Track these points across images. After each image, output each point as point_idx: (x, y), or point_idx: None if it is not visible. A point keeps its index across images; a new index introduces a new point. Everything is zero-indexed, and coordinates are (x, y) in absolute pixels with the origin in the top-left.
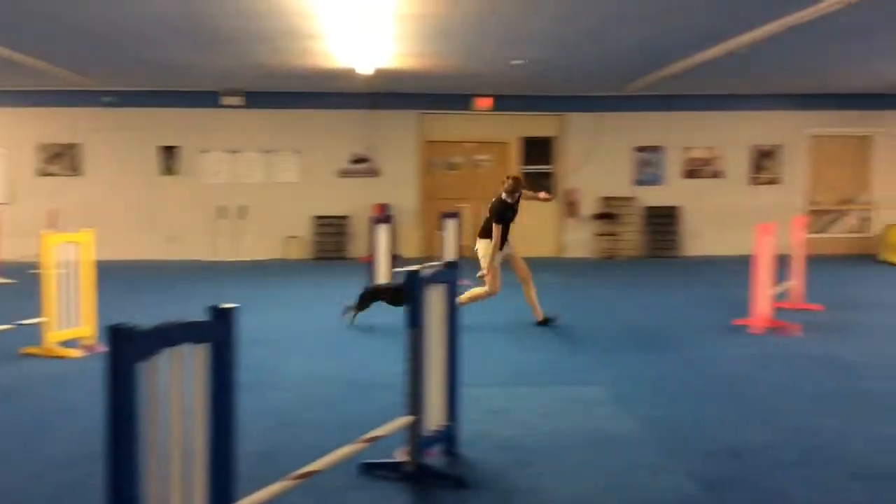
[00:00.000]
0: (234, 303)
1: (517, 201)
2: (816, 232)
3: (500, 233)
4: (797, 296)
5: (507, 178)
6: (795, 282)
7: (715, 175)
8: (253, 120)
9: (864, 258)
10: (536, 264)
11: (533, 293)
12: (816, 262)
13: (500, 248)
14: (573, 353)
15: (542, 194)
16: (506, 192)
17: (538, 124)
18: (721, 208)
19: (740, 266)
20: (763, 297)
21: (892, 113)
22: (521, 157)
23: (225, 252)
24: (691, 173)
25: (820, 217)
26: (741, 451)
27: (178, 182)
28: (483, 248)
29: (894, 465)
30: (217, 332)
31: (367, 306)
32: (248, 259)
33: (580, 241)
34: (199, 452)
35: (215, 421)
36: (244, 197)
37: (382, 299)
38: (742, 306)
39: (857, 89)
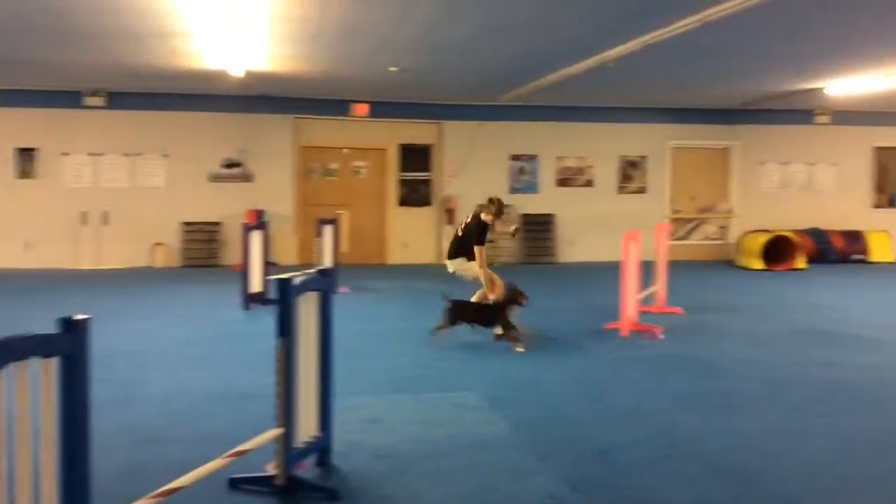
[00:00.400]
0: (96, 313)
1: (494, 223)
2: (679, 239)
3: (483, 255)
4: (661, 300)
5: (491, 201)
6: (659, 286)
7: (587, 184)
8: (117, 121)
9: (723, 264)
10: (416, 272)
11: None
12: (679, 267)
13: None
14: (447, 360)
15: (513, 228)
16: (488, 213)
17: (416, 131)
18: (592, 216)
19: (611, 272)
20: (630, 301)
21: (747, 127)
22: (400, 163)
23: (87, 260)
24: (564, 182)
25: (682, 225)
26: (608, 450)
27: (37, 186)
28: (459, 266)
29: (747, 460)
30: (68, 344)
31: (455, 322)
32: (113, 267)
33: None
34: (48, 473)
35: (67, 439)
36: (108, 202)
37: (472, 321)
38: (613, 311)
39: (715, 104)
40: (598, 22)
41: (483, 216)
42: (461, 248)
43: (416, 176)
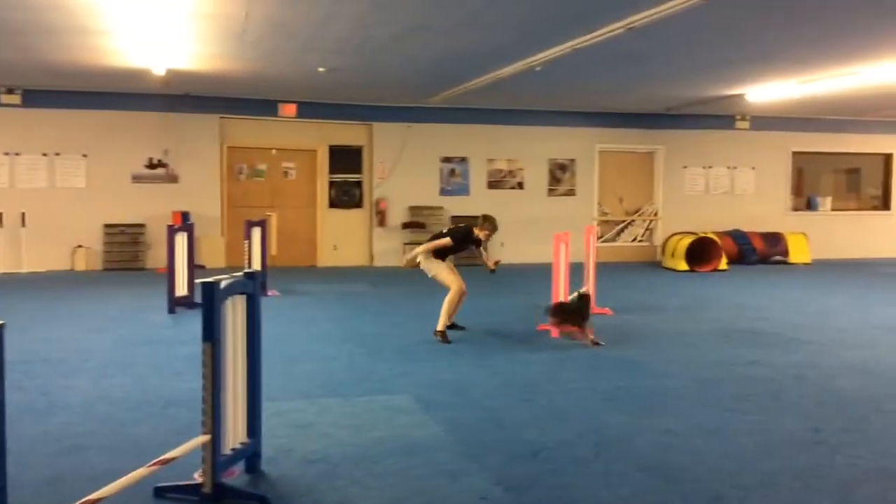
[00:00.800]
0: (13, 318)
1: (481, 243)
2: (607, 241)
3: (442, 244)
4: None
5: (486, 218)
6: (589, 288)
7: (517, 186)
8: (34, 120)
9: (649, 265)
10: (347, 274)
11: (457, 308)
12: (607, 268)
13: (444, 259)
14: (379, 363)
15: (493, 263)
16: (482, 230)
17: (346, 133)
18: (523, 218)
19: (542, 273)
20: (560, 302)
21: (671, 131)
22: (330, 165)
23: (3, 263)
24: (495, 184)
25: (610, 227)
26: (540, 450)
27: None
28: (425, 263)
29: (674, 458)
30: None
31: (563, 322)
32: (31, 271)
33: (389, 250)
34: None
35: None
36: (24, 203)
37: (572, 323)
38: (544, 312)
39: (641, 109)
40: (525, 26)
41: (476, 230)
42: (440, 251)
43: (347, 177)
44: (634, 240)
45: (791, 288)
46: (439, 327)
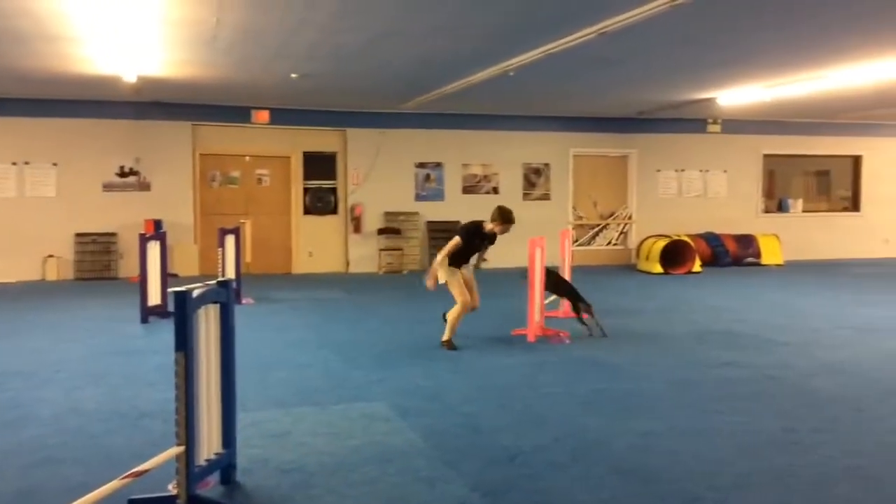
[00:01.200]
0: None
1: (494, 239)
2: (582, 244)
3: (454, 245)
4: (567, 305)
5: (499, 211)
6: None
7: (492, 191)
8: (2, 129)
9: (624, 268)
10: (322, 281)
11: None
12: (582, 272)
13: (459, 267)
14: (355, 370)
15: (478, 260)
16: (493, 225)
17: (320, 139)
18: None
19: (518, 278)
20: (537, 307)
21: (644, 135)
22: (304, 171)
23: None
24: (470, 189)
25: (585, 230)
26: (517, 455)
27: None
28: (442, 270)
29: (651, 460)
30: None
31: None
32: (1, 281)
33: (365, 256)
34: None
35: None
36: None
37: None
38: (520, 316)
39: (614, 113)
40: (498, 31)
41: (486, 225)
42: (453, 255)
43: (321, 184)
44: (609, 243)
45: (764, 289)
46: (445, 337)
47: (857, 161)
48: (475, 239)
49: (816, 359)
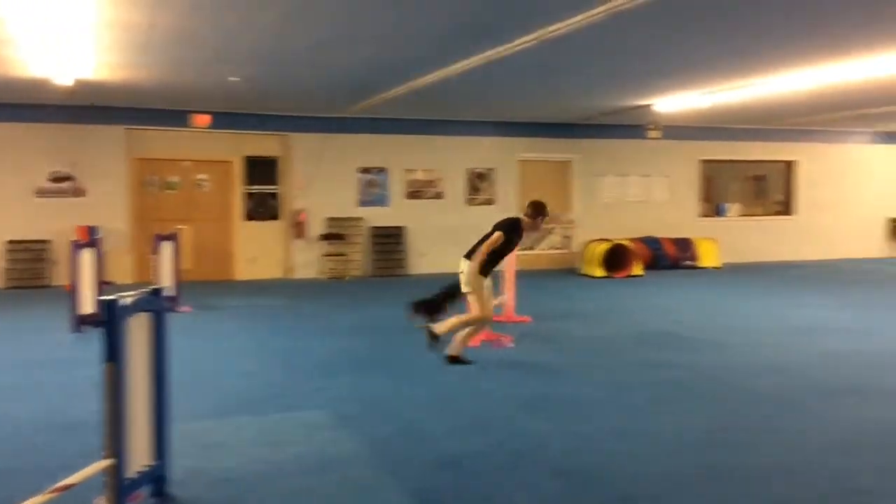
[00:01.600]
0: None
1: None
2: (526, 248)
3: (496, 241)
4: (510, 309)
5: (530, 205)
6: (508, 296)
7: (436, 196)
8: None
9: (567, 272)
10: (264, 288)
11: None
12: (526, 276)
13: (488, 274)
14: (296, 378)
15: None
16: (525, 214)
17: (262, 144)
18: (443, 228)
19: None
20: None
21: (587, 141)
22: (246, 176)
23: None
24: (415, 194)
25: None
26: (458, 460)
27: None
28: (468, 269)
29: (589, 461)
30: None
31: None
32: None
33: (308, 262)
34: None
35: None
36: None
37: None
38: None
39: (557, 119)
40: (439, 38)
41: (525, 218)
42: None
43: (264, 189)
44: (553, 248)
45: (703, 292)
46: (453, 352)
47: (791, 166)
48: (515, 236)
49: (753, 359)
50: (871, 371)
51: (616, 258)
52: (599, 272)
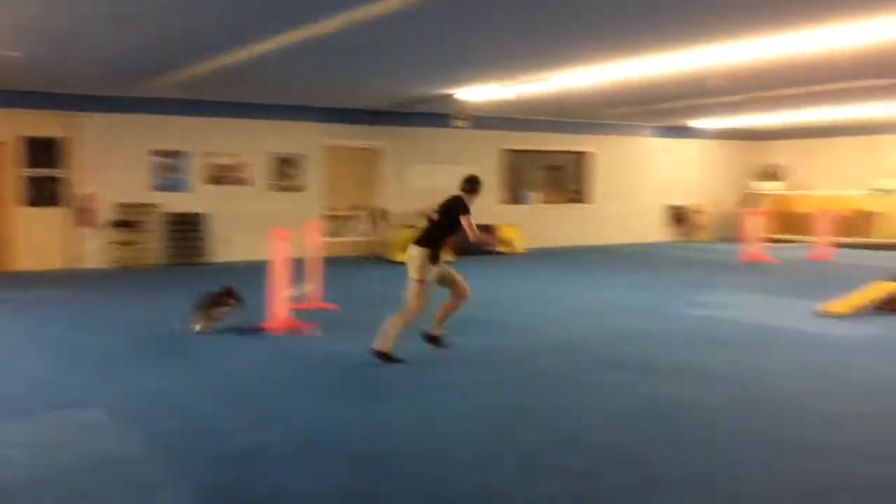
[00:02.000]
0: None
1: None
2: (334, 236)
3: (472, 223)
4: (315, 297)
5: (475, 178)
6: (313, 283)
7: (240, 182)
8: None
9: (376, 259)
10: (46, 278)
11: (454, 311)
12: (334, 263)
13: (437, 261)
14: (73, 374)
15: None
16: (462, 190)
17: (44, 123)
18: (248, 214)
19: (267, 271)
20: (280, 299)
21: (396, 128)
22: (24, 159)
23: None
24: (217, 180)
25: (337, 222)
26: (251, 453)
27: None
28: (419, 255)
29: (387, 447)
30: None
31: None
32: None
33: (96, 250)
34: None
35: None
36: None
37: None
38: (263, 310)
39: (366, 105)
40: (239, 16)
41: (461, 193)
42: (432, 234)
43: (46, 173)
44: (362, 235)
45: (504, 275)
46: (380, 346)
47: (586, 157)
48: (455, 215)
49: (544, 338)
50: (651, 348)
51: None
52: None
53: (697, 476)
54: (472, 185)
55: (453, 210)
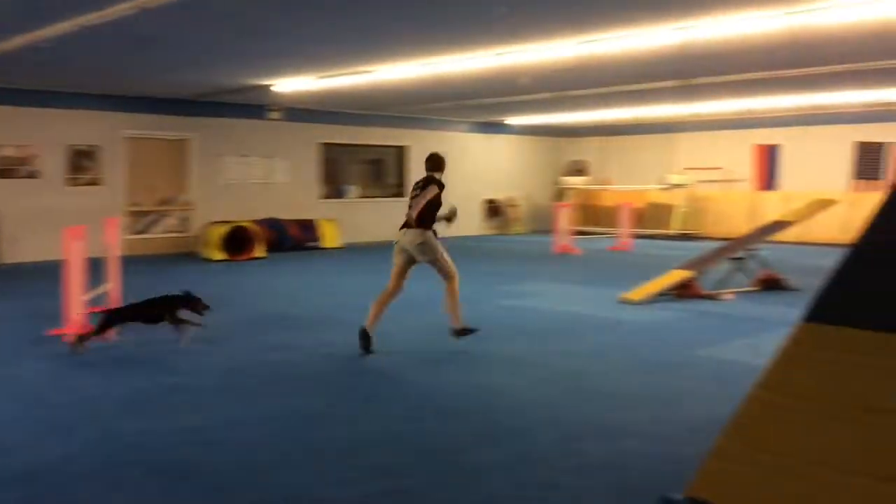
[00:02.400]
0: None
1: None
2: (138, 233)
3: (434, 196)
4: (115, 299)
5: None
6: (112, 284)
7: (31, 175)
8: None
9: (185, 256)
10: None
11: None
12: (139, 262)
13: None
14: None
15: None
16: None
17: None
18: (40, 211)
19: (60, 272)
20: (75, 303)
21: (205, 119)
22: None
23: None
24: (5, 173)
25: (142, 218)
26: (35, 472)
27: None
28: (421, 237)
29: (188, 455)
30: None
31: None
32: None
33: None
34: None
35: None
36: None
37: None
38: (58, 314)
39: (170, 94)
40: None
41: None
42: (422, 214)
43: None
44: (169, 231)
45: (322, 272)
46: (459, 325)
47: (403, 151)
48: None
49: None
50: (472, 339)
51: (237, 241)
52: (220, 255)
53: (508, 461)
54: (431, 162)
55: (437, 183)
